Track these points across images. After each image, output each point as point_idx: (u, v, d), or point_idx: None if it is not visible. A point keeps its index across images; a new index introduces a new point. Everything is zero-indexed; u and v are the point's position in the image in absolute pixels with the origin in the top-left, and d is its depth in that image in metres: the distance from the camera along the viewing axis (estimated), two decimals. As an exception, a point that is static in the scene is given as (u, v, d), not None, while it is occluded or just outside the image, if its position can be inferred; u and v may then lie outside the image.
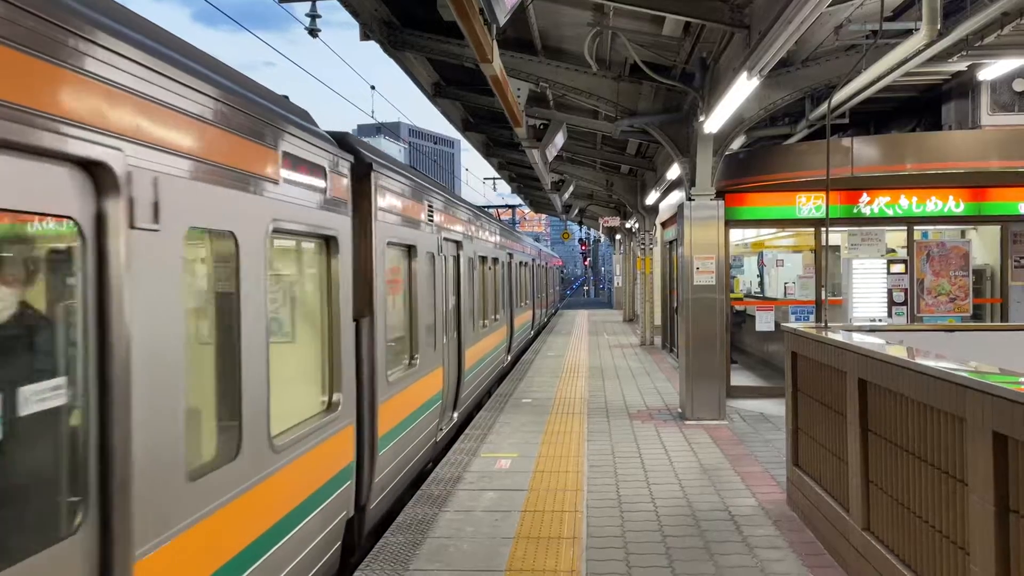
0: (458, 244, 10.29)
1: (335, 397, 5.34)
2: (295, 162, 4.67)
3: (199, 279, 3.93)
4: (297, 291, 5.44)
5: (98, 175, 2.79)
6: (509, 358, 16.66)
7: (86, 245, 2.76)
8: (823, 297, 11.47)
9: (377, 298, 6.25)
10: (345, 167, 5.65)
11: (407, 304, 7.65)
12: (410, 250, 7.67)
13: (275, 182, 4.35)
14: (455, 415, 10.02)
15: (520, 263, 20.01)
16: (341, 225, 5.47)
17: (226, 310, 3.96)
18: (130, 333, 2.92)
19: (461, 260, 10.48)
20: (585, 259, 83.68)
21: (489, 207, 46.72)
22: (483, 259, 12.95)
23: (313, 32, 13.31)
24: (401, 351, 7.46)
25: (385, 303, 6.50)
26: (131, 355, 2.92)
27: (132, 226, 2.93)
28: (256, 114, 4.13)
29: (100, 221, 2.81)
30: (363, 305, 6.07)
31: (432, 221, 8.54)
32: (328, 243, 5.38)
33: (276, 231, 4.40)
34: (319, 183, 5.10)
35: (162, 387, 3.14)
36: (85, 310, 2.77)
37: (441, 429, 9.05)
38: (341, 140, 5.95)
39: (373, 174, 6.25)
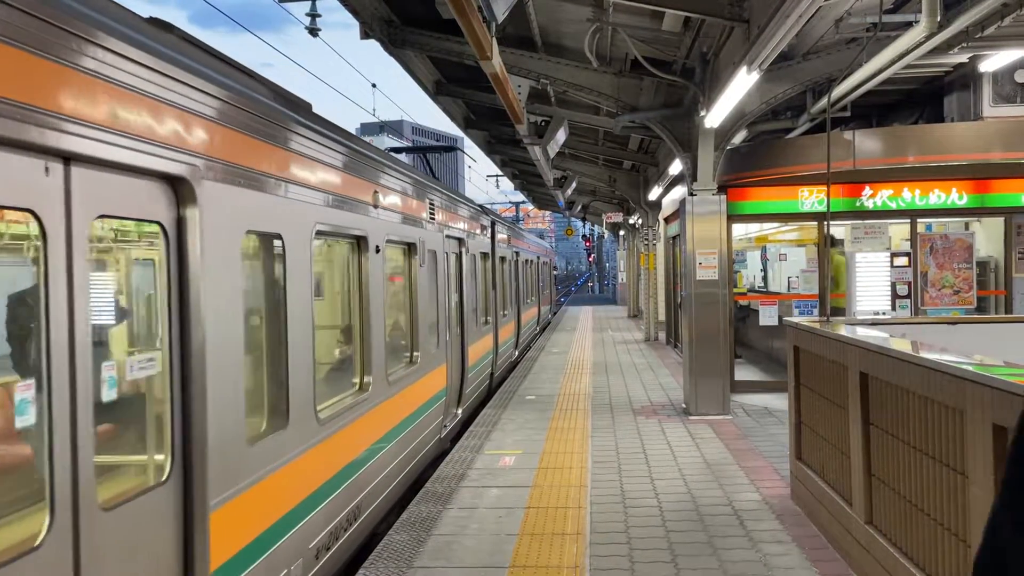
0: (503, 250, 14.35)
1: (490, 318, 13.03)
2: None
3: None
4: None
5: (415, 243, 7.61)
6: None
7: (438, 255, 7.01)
8: (826, 291, 11.47)
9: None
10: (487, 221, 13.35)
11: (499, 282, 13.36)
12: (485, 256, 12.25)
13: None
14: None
15: (526, 261, 20.58)
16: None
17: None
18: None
19: (511, 260, 15.18)
20: (589, 255, 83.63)
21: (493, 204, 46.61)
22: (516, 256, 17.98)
23: (313, 31, 13.33)
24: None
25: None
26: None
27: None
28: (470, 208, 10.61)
29: (462, 249, 9.58)
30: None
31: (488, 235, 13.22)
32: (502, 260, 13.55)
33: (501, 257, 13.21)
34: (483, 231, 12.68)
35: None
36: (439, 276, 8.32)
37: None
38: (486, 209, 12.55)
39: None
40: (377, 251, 6.62)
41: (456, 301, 10.72)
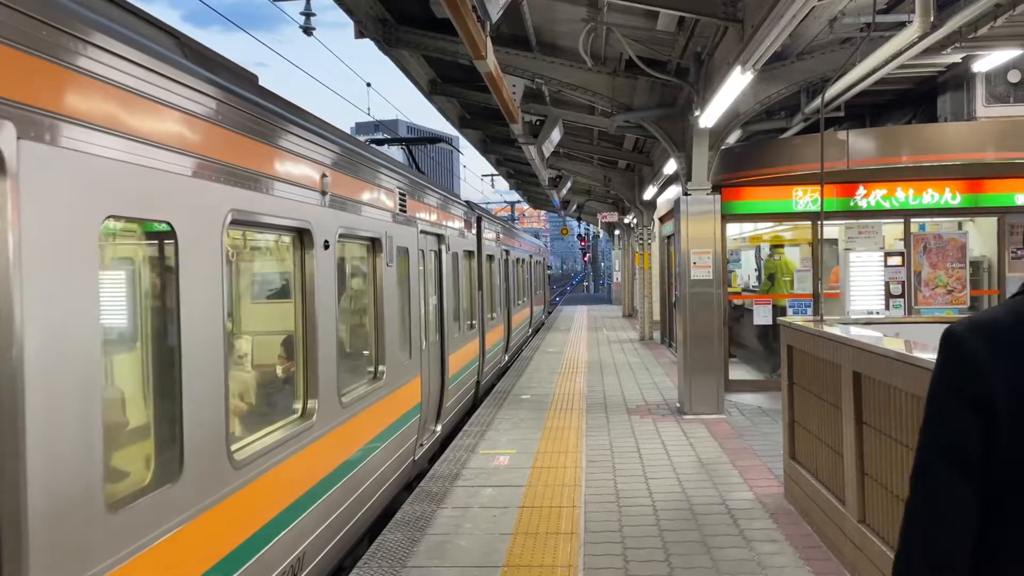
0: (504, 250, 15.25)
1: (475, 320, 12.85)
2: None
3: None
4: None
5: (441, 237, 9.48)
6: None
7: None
8: (820, 290, 11.50)
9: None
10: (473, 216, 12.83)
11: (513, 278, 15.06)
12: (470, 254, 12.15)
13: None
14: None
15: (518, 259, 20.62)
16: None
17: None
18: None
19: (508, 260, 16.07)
20: (585, 255, 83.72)
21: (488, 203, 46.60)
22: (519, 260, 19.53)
23: (308, 31, 13.31)
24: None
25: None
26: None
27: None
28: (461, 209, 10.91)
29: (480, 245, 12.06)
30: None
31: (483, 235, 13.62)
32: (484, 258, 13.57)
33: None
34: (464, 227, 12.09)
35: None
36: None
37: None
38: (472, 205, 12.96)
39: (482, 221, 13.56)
40: (326, 247, 5.36)
41: (435, 304, 9.52)
